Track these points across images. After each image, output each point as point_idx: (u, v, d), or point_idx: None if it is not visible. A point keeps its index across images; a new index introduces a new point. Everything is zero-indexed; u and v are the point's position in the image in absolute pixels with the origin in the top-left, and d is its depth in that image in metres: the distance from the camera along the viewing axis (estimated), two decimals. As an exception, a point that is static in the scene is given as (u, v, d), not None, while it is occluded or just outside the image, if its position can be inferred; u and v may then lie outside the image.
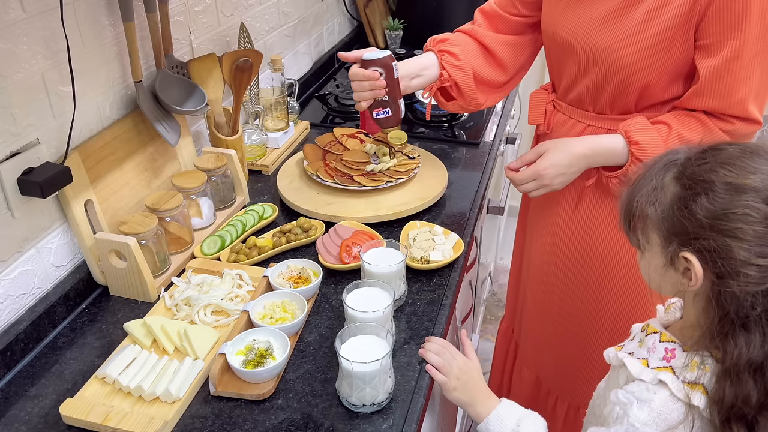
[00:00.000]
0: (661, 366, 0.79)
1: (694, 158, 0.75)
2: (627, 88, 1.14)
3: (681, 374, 0.77)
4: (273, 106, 1.57)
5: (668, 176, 0.76)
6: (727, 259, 0.69)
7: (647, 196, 0.77)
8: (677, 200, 0.73)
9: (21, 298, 1.03)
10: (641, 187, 0.78)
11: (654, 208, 0.76)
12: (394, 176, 1.37)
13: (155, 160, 1.28)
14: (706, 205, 0.70)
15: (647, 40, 1.08)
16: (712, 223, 0.70)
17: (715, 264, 0.70)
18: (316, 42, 2.08)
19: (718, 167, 0.71)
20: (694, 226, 0.71)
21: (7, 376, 0.97)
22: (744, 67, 1.04)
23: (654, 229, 0.77)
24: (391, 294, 0.98)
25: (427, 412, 0.99)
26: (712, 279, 0.72)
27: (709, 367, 0.75)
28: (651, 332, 0.84)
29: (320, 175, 1.37)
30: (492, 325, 2.50)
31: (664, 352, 0.80)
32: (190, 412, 0.91)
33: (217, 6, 1.48)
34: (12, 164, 0.97)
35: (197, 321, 1.05)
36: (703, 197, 0.71)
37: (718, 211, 0.69)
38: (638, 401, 0.78)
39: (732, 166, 0.71)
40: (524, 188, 1.22)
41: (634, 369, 0.81)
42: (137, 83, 1.19)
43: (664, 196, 0.75)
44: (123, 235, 1.07)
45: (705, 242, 0.70)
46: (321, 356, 1.00)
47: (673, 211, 0.73)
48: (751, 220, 0.68)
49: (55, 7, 1.01)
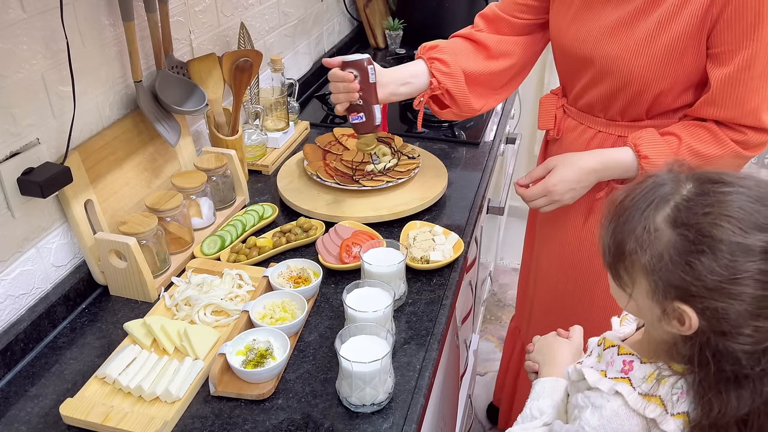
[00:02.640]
0: (619, 377, 0.78)
1: (695, 202, 0.68)
2: (639, 97, 1.13)
3: (638, 386, 0.76)
4: (273, 106, 1.57)
5: (660, 217, 0.70)
6: (728, 320, 0.67)
7: (638, 239, 0.71)
8: (677, 253, 0.68)
9: (21, 298, 1.03)
10: (630, 228, 0.72)
11: (647, 256, 0.70)
12: (394, 176, 1.37)
13: (155, 160, 1.28)
14: (713, 267, 0.66)
15: (659, 50, 1.07)
16: (718, 287, 0.66)
17: (717, 323, 0.68)
18: (316, 42, 2.08)
19: (723, 221, 0.66)
20: (697, 287, 0.67)
21: (7, 376, 0.97)
22: (756, 76, 1.03)
23: (644, 275, 0.72)
24: (391, 294, 0.98)
25: (427, 412, 0.99)
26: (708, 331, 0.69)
27: (666, 380, 0.74)
28: (608, 346, 0.83)
29: (320, 175, 1.37)
30: (492, 325, 2.51)
31: (623, 364, 0.79)
32: (190, 412, 0.91)
33: (217, 6, 1.48)
34: (12, 164, 0.97)
35: (197, 321, 1.05)
36: (708, 256, 0.66)
37: (727, 276, 0.65)
38: (592, 406, 0.78)
39: (739, 222, 0.65)
40: (534, 204, 1.21)
41: (591, 379, 0.80)
42: (137, 83, 1.19)
43: (658, 243, 0.69)
44: (123, 235, 1.07)
45: (708, 302, 0.67)
46: (321, 356, 1.00)
47: (672, 265, 0.68)
48: (757, 285, 0.65)
49: (55, 7, 1.01)
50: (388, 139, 1.49)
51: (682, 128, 1.11)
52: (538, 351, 1.01)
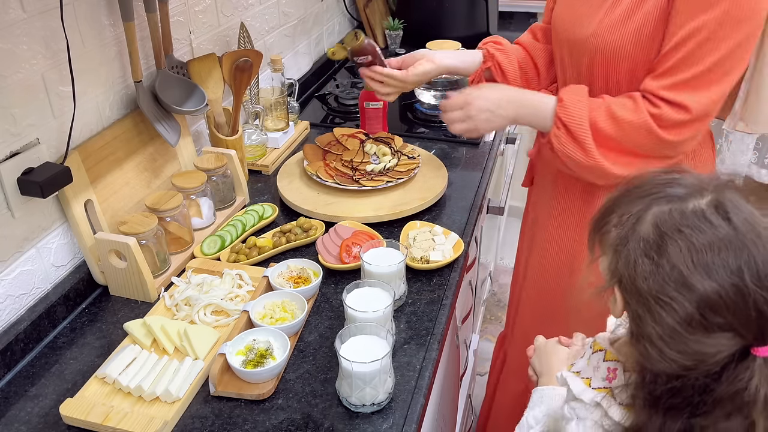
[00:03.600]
0: (602, 387, 0.79)
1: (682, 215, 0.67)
2: (613, 74, 1.13)
3: (619, 396, 0.76)
4: (273, 106, 1.57)
5: (652, 211, 0.69)
6: (640, 327, 0.68)
7: (622, 217, 0.72)
8: (636, 245, 0.69)
9: (21, 298, 1.03)
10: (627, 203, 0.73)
11: (618, 234, 0.71)
12: (394, 176, 1.37)
13: (155, 160, 1.28)
14: (646, 276, 0.66)
15: (632, 28, 1.07)
16: (644, 297, 0.67)
17: (632, 322, 0.70)
18: (316, 42, 2.08)
19: (684, 245, 0.65)
20: (630, 284, 0.68)
21: (7, 376, 0.97)
22: (687, 55, 1.02)
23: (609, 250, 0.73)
24: (391, 294, 0.98)
25: (427, 412, 0.99)
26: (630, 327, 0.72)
27: None
28: (597, 350, 0.83)
29: (320, 175, 1.37)
30: (492, 325, 2.51)
31: (607, 372, 0.79)
32: (190, 412, 0.91)
33: (217, 6, 1.48)
34: (12, 164, 0.97)
35: (197, 321, 1.05)
36: (649, 264, 0.66)
37: (653, 292, 0.66)
38: (577, 418, 0.80)
39: (698, 255, 0.64)
40: (450, 117, 1.22)
41: (576, 389, 0.81)
42: (137, 83, 1.19)
43: (632, 231, 0.70)
44: (123, 235, 1.07)
45: (631, 301, 0.69)
46: (321, 356, 1.00)
47: (626, 251, 0.69)
48: (674, 316, 0.65)
49: (55, 7, 1.01)
50: (388, 139, 1.49)
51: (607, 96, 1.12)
52: (537, 357, 1.01)
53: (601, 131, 1.07)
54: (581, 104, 1.09)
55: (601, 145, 1.08)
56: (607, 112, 1.07)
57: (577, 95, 1.11)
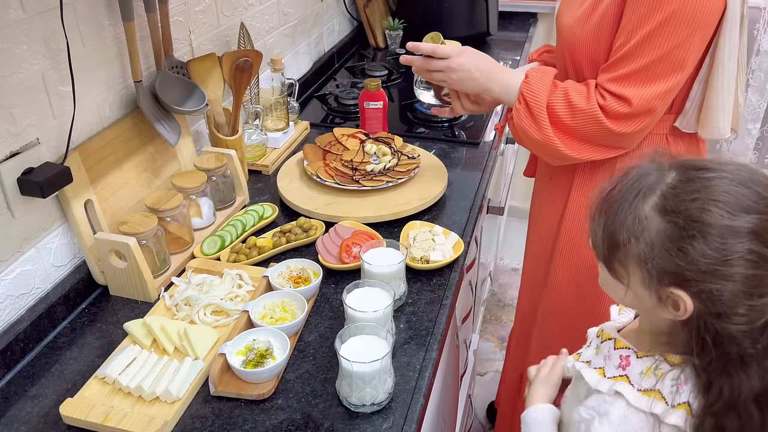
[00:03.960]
0: (617, 375, 0.79)
1: (681, 189, 0.70)
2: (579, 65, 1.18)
3: (637, 383, 0.77)
4: (273, 106, 1.57)
5: (648, 206, 0.71)
6: (723, 301, 0.68)
7: (629, 229, 0.72)
8: (668, 240, 0.70)
9: (21, 298, 1.03)
10: (620, 219, 0.74)
11: (639, 245, 0.72)
12: (394, 176, 1.37)
13: (155, 160, 1.28)
14: (705, 251, 0.67)
15: (594, 21, 1.13)
16: (712, 269, 0.68)
17: (712, 305, 0.69)
18: (316, 42, 2.08)
19: (711, 205, 0.68)
20: (691, 271, 0.69)
21: (7, 376, 0.97)
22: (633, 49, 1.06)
23: (637, 264, 0.73)
24: (391, 294, 0.98)
25: (427, 412, 0.99)
26: (703, 314, 0.71)
27: (662, 372, 0.75)
28: (606, 339, 0.83)
29: (320, 175, 1.37)
30: (492, 325, 2.51)
31: (620, 359, 0.79)
32: (190, 412, 0.91)
33: (217, 6, 1.48)
34: (12, 164, 0.97)
35: (197, 321, 1.05)
36: (699, 241, 0.68)
37: (719, 258, 0.67)
38: (599, 416, 0.78)
39: (726, 205, 0.68)
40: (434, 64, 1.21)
41: (591, 380, 0.81)
42: (137, 83, 1.19)
43: (649, 231, 0.71)
44: (123, 235, 1.07)
45: (702, 285, 0.69)
46: (321, 356, 1.00)
47: (665, 251, 0.70)
48: (748, 265, 0.67)
49: (55, 7, 1.01)
50: (388, 139, 1.49)
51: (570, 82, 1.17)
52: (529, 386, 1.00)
53: (555, 113, 1.13)
54: (543, 83, 1.15)
55: (555, 126, 1.14)
56: (564, 96, 1.13)
57: (541, 74, 1.17)
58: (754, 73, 2.56)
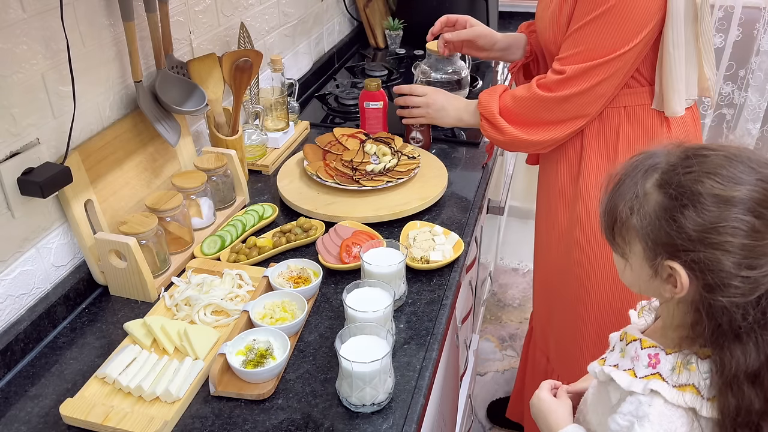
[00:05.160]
0: (649, 374, 0.78)
1: (679, 165, 0.73)
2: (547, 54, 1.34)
3: (670, 379, 0.76)
4: (273, 106, 1.57)
5: (649, 183, 0.74)
6: (715, 272, 0.69)
7: (629, 203, 0.75)
8: (662, 210, 0.72)
9: (21, 298, 1.03)
10: (622, 194, 0.76)
11: (637, 217, 0.74)
12: (394, 176, 1.37)
13: (155, 160, 1.28)
14: (694, 218, 0.69)
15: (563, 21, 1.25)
16: (700, 237, 0.69)
17: (704, 276, 0.70)
18: (316, 42, 2.08)
19: (704, 177, 0.70)
20: (682, 239, 0.70)
21: (7, 376, 0.97)
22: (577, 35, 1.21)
23: (637, 238, 0.75)
24: (391, 294, 0.98)
25: (427, 412, 0.99)
26: (699, 288, 0.71)
27: (694, 366, 0.75)
28: (631, 340, 0.83)
29: (320, 175, 1.37)
30: (492, 325, 2.51)
31: (648, 358, 0.79)
32: (190, 412, 0.91)
33: (217, 6, 1.48)
34: (12, 164, 0.97)
35: (197, 321, 1.05)
36: (690, 210, 0.69)
37: (708, 225, 0.69)
38: (638, 419, 0.77)
39: (718, 177, 0.70)
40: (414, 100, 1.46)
41: (623, 382, 0.80)
42: (137, 83, 1.19)
43: (647, 205, 0.73)
44: (123, 235, 1.07)
45: (693, 255, 0.70)
46: (321, 356, 1.00)
47: (658, 221, 0.72)
48: (739, 233, 0.68)
49: (55, 7, 1.01)
50: (388, 139, 1.49)
51: None
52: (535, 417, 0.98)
53: (508, 111, 1.31)
54: (492, 98, 1.32)
55: (512, 123, 1.30)
56: (510, 95, 1.31)
57: (490, 92, 1.34)
58: (754, 73, 2.56)
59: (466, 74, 1.81)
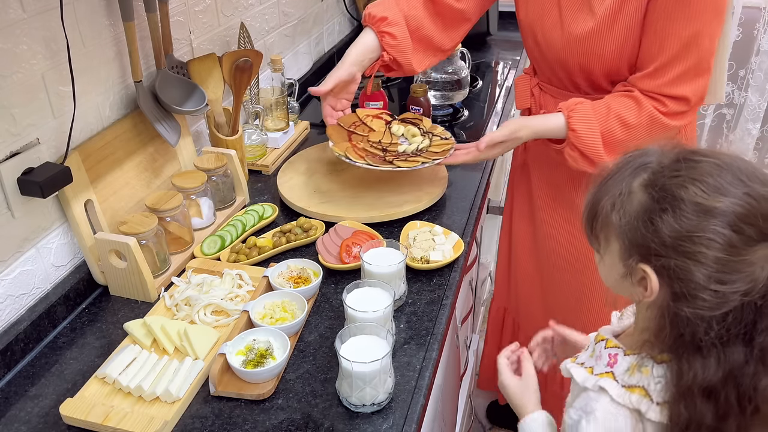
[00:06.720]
0: (604, 372, 0.79)
1: (667, 167, 0.72)
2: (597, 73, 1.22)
3: (621, 379, 0.77)
4: (273, 106, 1.57)
5: (637, 182, 0.73)
6: (684, 281, 0.68)
7: (613, 199, 0.74)
8: (643, 211, 0.71)
9: (21, 298, 1.03)
10: (608, 189, 0.76)
11: (618, 215, 0.73)
12: (429, 157, 1.31)
13: (155, 160, 1.28)
14: (671, 224, 0.68)
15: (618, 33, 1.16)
16: (675, 243, 0.68)
17: (673, 284, 0.69)
18: (316, 42, 2.08)
19: (689, 183, 0.68)
20: (656, 243, 0.69)
21: (7, 376, 0.97)
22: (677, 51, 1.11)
23: (615, 237, 0.74)
24: (391, 294, 0.98)
25: (427, 412, 0.99)
26: (668, 296, 0.71)
27: (648, 370, 0.75)
28: (599, 340, 0.84)
29: (349, 155, 1.30)
30: (492, 325, 2.50)
31: (608, 358, 0.80)
32: (190, 412, 0.91)
33: (217, 6, 1.48)
34: (12, 164, 0.97)
35: (197, 321, 1.05)
36: (669, 214, 0.68)
37: (684, 233, 0.67)
38: (585, 415, 0.78)
39: (703, 184, 0.68)
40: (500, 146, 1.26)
41: (579, 378, 0.81)
42: (137, 83, 1.19)
43: (630, 204, 0.72)
44: (123, 235, 1.07)
45: (665, 260, 0.69)
46: (321, 356, 1.00)
47: (637, 222, 0.71)
48: (714, 246, 0.67)
49: (55, 7, 1.01)
50: (416, 119, 1.43)
51: (612, 98, 1.19)
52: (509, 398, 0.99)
53: (614, 140, 1.17)
54: (592, 131, 1.17)
55: (611, 152, 1.17)
56: (618, 120, 1.16)
57: (586, 121, 1.17)
58: (754, 73, 2.56)
59: (465, 74, 1.82)
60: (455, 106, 1.83)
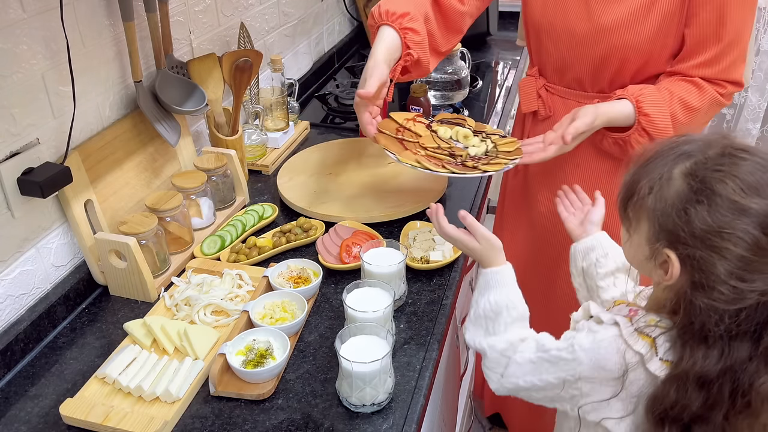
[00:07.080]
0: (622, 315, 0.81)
1: (711, 159, 0.72)
2: (628, 66, 1.21)
3: (636, 323, 0.79)
4: (273, 106, 1.57)
5: (678, 169, 0.74)
6: (706, 272, 0.70)
7: (651, 182, 0.75)
8: (678, 200, 0.72)
9: (21, 298, 1.03)
10: (648, 173, 0.76)
11: (654, 198, 0.74)
12: (506, 157, 1.22)
13: (155, 160, 1.28)
14: (704, 217, 0.69)
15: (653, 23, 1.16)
16: (704, 236, 0.69)
17: (693, 273, 0.71)
18: (316, 42, 2.08)
19: (729, 179, 0.69)
20: (686, 233, 0.71)
21: (7, 376, 0.97)
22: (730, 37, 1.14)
23: (646, 218, 0.76)
24: (391, 294, 0.98)
25: (427, 412, 0.99)
26: (687, 284, 0.73)
27: (664, 326, 0.77)
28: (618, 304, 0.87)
29: (425, 164, 1.16)
30: (492, 325, 2.50)
31: (628, 311, 0.82)
32: (190, 412, 0.91)
33: (217, 6, 1.48)
34: (12, 164, 0.97)
35: (197, 321, 1.05)
36: (704, 207, 0.69)
37: (714, 227, 0.69)
38: (588, 330, 0.81)
39: (743, 183, 0.69)
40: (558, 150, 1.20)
41: (594, 310, 0.84)
42: (137, 83, 1.19)
43: (667, 190, 0.73)
44: (123, 235, 1.07)
45: (691, 250, 0.70)
46: (321, 356, 1.00)
47: (671, 209, 0.72)
48: (741, 244, 0.68)
49: (55, 7, 1.01)
50: (459, 120, 1.33)
51: (669, 83, 1.20)
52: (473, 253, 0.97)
53: (678, 123, 1.18)
54: (664, 114, 1.17)
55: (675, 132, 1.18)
56: (681, 103, 1.18)
57: (657, 105, 1.17)
58: (754, 73, 2.56)
59: (465, 74, 1.82)
60: (455, 106, 1.83)
